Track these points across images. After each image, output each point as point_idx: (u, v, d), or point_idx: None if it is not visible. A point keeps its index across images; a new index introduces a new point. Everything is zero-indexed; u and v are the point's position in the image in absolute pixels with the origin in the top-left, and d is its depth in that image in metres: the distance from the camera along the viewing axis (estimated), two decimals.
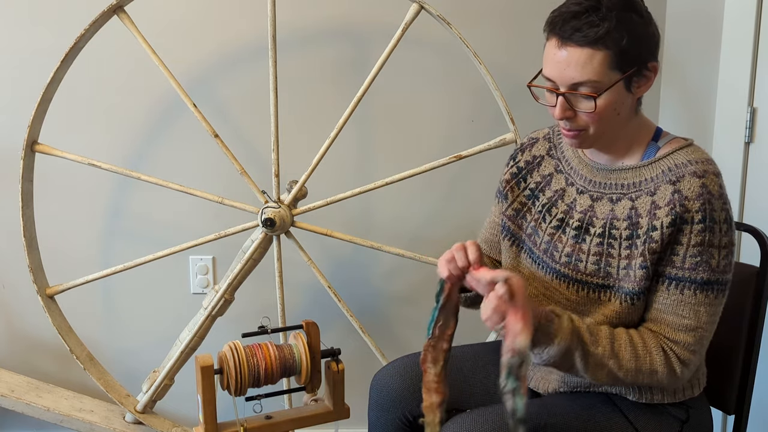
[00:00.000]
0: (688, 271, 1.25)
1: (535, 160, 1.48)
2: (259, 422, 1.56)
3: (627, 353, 1.26)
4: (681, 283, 1.26)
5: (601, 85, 1.23)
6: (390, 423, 1.52)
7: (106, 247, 2.25)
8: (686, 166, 1.27)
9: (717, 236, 1.24)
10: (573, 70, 1.23)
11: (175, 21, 2.11)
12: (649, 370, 1.27)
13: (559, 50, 1.24)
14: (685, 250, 1.25)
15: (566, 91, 1.25)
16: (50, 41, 2.08)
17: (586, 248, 1.34)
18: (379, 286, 2.29)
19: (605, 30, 1.20)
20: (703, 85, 2.04)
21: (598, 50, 1.21)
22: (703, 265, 1.24)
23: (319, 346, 1.57)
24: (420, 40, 2.10)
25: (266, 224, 1.89)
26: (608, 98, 1.24)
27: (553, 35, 1.26)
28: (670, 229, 1.25)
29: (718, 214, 1.24)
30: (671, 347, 1.27)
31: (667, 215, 1.25)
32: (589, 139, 1.31)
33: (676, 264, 1.26)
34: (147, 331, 2.30)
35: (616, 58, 1.22)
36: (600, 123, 1.28)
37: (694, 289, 1.25)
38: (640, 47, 1.24)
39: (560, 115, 1.27)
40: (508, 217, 1.49)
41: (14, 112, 2.12)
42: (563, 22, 1.23)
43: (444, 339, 1.33)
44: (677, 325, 1.27)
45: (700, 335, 1.27)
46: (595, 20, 1.21)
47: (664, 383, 1.29)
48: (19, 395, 2.06)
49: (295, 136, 2.16)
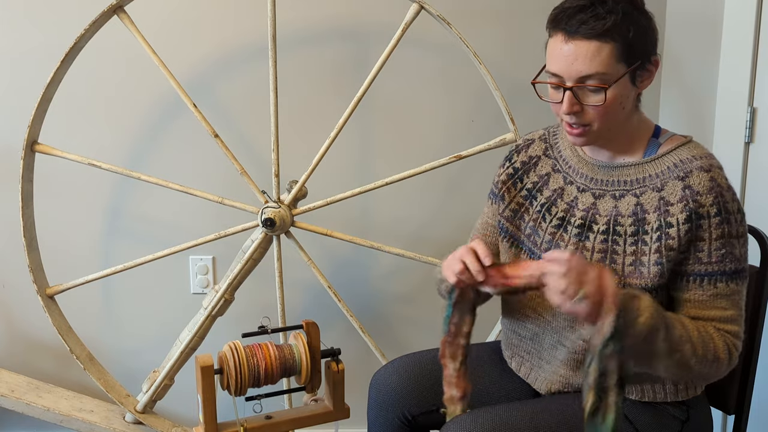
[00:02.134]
0: (716, 264, 1.27)
1: (532, 161, 1.48)
2: (259, 422, 1.56)
3: (696, 338, 1.24)
4: (713, 278, 1.27)
5: (609, 78, 1.24)
6: (389, 422, 1.52)
7: (106, 247, 2.25)
8: (691, 161, 1.29)
9: (734, 226, 1.27)
10: (581, 64, 1.23)
11: (175, 21, 2.11)
12: (713, 357, 1.25)
13: (566, 44, 1.24)
14: (708, 245, 1.26)
15: (574, 85, 1.25)
16: (50, 41, 2.08)
17: (590, 245, 1.35)
18: (379, 286, 2.29)
19: (612, 22, 1.22)
20: (703, 85, 2.04)
21: (606, 43, 1.22)
22: (729, 257, 1.27)
23: (319, 346, 1.57)
24: (420, 40, 2.10)
25: (266, 224, 1.89)
26: (616, 91, 1.25)
27: (558, 30, 1.26)
28: (687, 225, 1.26)
29: (731, 205, 1.27)
30: (725, 336, 1.28)
31: (681, 212, 1.26)
32: (594, 134, 1.31)
33: (703, 260, 1.27)
34: (147, 331, 2.30)
35: (623, 50, 1.24)
36: (606, 117, 1.28)
37: (726, 280, 1.27)
38: (645, 40, 1.26)
39: (568, 110, 1.27)
40: (506, 218, 1.49)
41: (14, 112, 2.12)
42: (569, 17, 1.24)
43: (461, 335, 1.33)
44: (722, 317, 1.28)
45: (741, 321, 1.30)
46: (601, 13, 1.22)
47: (722, 372, 1.28)
48: (19, 395, 2.06)
49: (295, 136, 2.16)
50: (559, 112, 1.30)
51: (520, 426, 1.32)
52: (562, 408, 1.37)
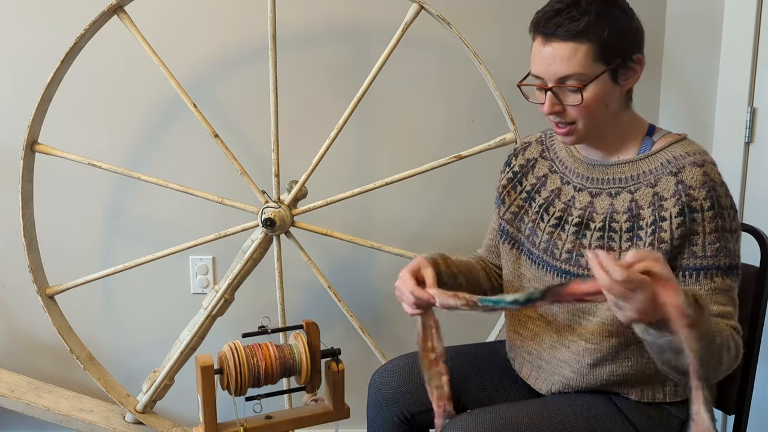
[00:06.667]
0: (711, 258, 1.26)
1: (529, 163, 1.51)
2: (259, 422, 1.56)
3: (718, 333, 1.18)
4: (709, 272, 1.27)
5: (585, 77, 1.27)
6: (388, 421, 1.52)
7: (106, 247, 2.25)
8: (684, 157, 1.30)
9: (727, 221, 1.27)
10: (558, 65, 1.27)
11: (176, 21, 2.11)
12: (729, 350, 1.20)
13: (544, 47, 1.29)
14: (702, 239, 1.26)
15: (554, 86, 1.29)
16: (50, 41, 2.08)
17: (586, 243, 1.36)
18: (379, 285, 2.29)
19: (585, 23, 1.25)
20: (703, 85, 2.04)
21: (581, 43, 1.26)
22: (723, 251, 1.26)
23: (319, 346, 1.57)
24: (420, 40, 2.10)
25: (266, 224, 1.89)
26: (595, 90, 1.28)
27: (538, 34, 1.31)
28: (680, 218, 1.26)
29: (724, 200, 1.27)
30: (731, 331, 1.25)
31: (674, 206, 1.27)
32: (580, 133, 1.33)
33: (698, 254, 1.27)
34: (147, 331, 2.30)
35: (599, 50, 1.26)
36: (589, 116, 1.31)
37: (721, 274, 1.27)
38: (622, 39, 1.28)
39: (549, 110, 1.31)
40: (506, 220, 1.51)
41: (14, 112, 2.12)
42: (546, 20, 1.29)
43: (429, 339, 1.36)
44: (722, 313, 1.27)
45: (737, 317, 1.29)
46: (575, 15, 1.26)
47: (734, 366, 1.24)
48: (19, 395, 2.06)
49: (295, 136, 2.16)
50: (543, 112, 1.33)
51: (520, 426, 1.32)
52: (562, 408, 1.37)
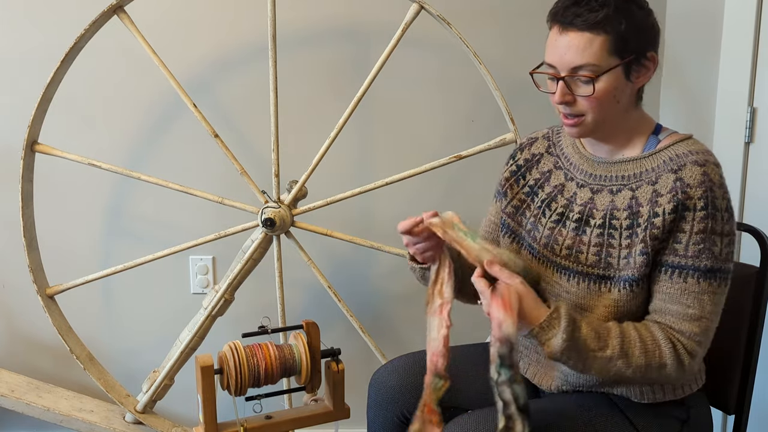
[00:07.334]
0: (691, 258, 1.25)
1: (534, 158, 1.50)
2: (259, 422, 1.56)
3: (637, 350, 1.25)
4: (684, 271, 1.26)
5: (599, 69, 1.27)
6: (388, 421, 1.52)
7: (106, 247, 2.25)
8: (687, 156, 1.29)
9: (719, 224, 1.26)
10: (573, 54, 1.27)
11: (175, 21, 2.11)
12: (659, 364, 1.25)
13: (561, 36, 1.29)
14: (687, 238, 1.25)
15: (567, 75, 1.29)
16: (50, 41, 2.08)
17: (586, 240, 1.35)
18: (379, 285, 2.29)
19: (604, 15, 1.25)
20: (703, 85, 2.04)
21: (597, 35, 1.26)
22: (706, 253, 1.25)
23: (319, 346, 1.57)
24: (420, 40, 2.10)
25: (266, 224, 1.89)
26: (607, 83, 1.28)
27: (555, 23, 1.31)
28: (672, 215, 1.26)
29: (720, 202, 1.26)
30: (678, 338, 1.26)
31: (669, 202, 1.26)
32: (588, 126, 1.33)
33: (678, 252, 1.26)
34: (147, 331, 2.30)
35: (615, 43, 1.26)
36: (599, 109, 1.30)
37: (698, 277, 1.25)
38: (638, 35, 1.28)
39: (559, 99, 1.31)
40: (508, 214, 1.51)
41: (14, 112, 2.13)
42: (564, 10, 1.29)
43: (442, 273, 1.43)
44: (682, 314, 1.26)
45: (705, 325, 1.26)
46: (594, 6, 1.26)
47: (672, 377, 1.28)
48: (19, 395, 2.06)
49: (295, 136, 2.16)
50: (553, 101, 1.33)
51: None
52: (562, 407, 1.37)
